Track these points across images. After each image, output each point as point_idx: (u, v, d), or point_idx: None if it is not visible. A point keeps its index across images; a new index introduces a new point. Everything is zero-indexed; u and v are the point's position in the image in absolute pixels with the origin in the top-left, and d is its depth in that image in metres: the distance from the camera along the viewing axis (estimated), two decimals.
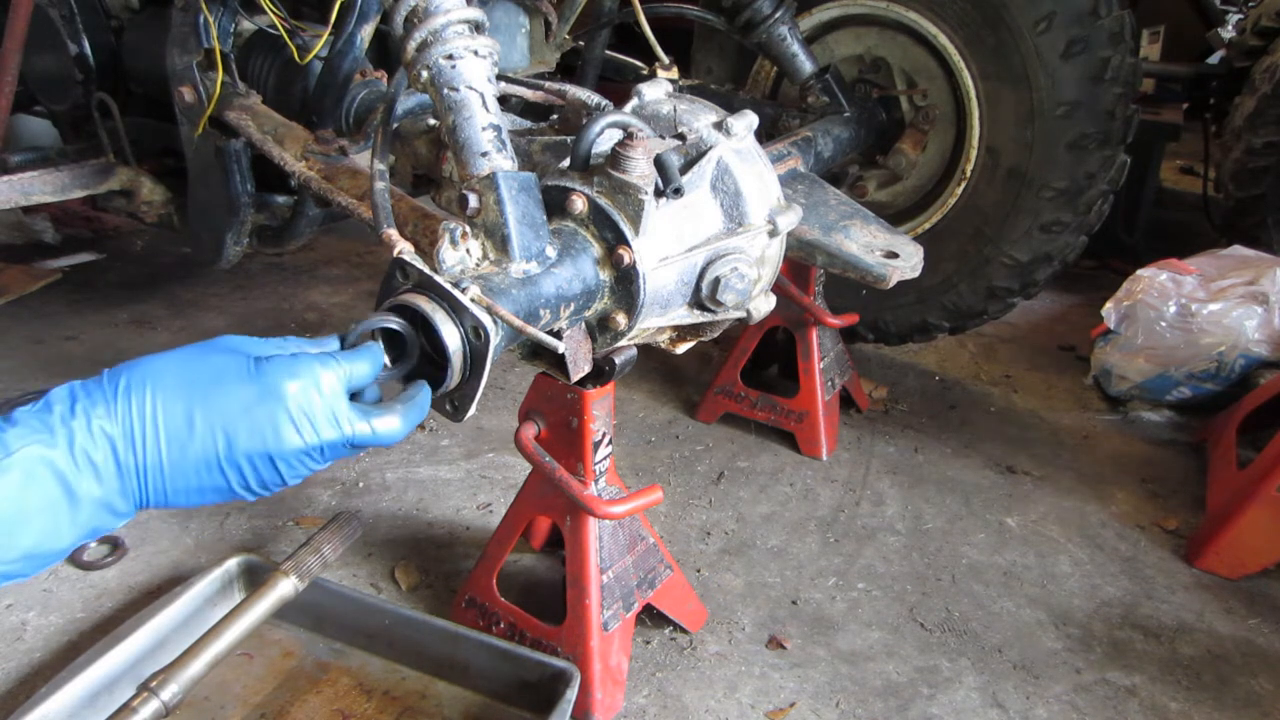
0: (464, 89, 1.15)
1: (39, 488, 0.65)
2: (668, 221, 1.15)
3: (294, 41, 1.75)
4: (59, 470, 0.66)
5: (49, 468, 0.65)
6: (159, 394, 0.72)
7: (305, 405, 0.77)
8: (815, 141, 2.11)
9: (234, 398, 0.74)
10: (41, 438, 0.65)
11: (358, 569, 1.83)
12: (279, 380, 0.76)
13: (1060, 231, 2.30)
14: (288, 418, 0.76)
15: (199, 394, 0.73)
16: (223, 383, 0.74)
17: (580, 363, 1.21)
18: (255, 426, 0.74)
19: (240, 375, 0.75)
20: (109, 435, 0.69)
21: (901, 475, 2.27)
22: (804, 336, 2.29)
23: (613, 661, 1.52)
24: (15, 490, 0.64)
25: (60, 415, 0.67)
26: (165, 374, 0.73)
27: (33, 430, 0.66)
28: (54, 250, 3.30)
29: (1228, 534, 1.93)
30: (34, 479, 0.64)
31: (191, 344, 0.78)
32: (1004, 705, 1.60)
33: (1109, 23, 2.12)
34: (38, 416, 0.67)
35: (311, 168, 1.62)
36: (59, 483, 0.66)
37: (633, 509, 1.42)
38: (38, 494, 0.65)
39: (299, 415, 0.76)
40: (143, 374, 0.72)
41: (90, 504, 0.68)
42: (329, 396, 0.79)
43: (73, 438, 0.67)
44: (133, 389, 0.71)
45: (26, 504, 0.64)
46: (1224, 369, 2.46)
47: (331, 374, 0.80)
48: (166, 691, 1.20)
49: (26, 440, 0.65)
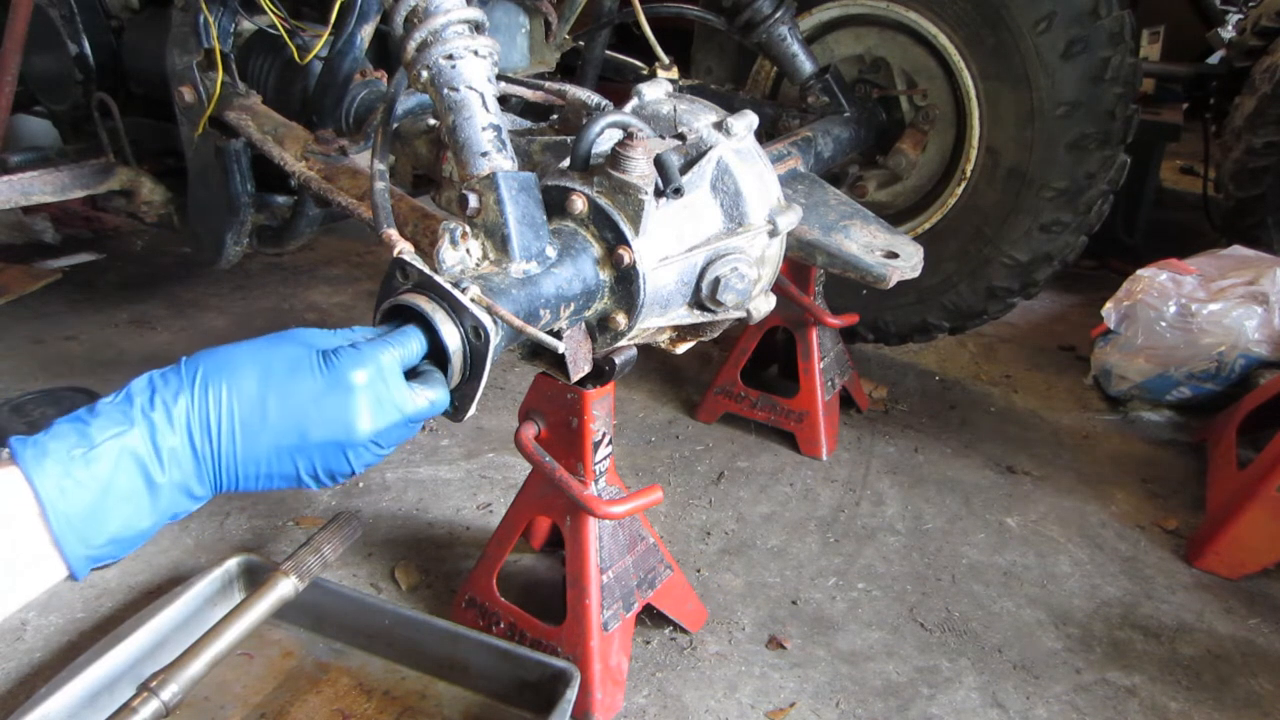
0: (464, 89, 1.15)
1: (123, 477, 0.69)
2: (668, 221, 1.15)
3: (294, 41, 1.75)
4: (140, 460, 0.69)
5: (131, 458, 0.69)
6: (234, 386, 0.75)
7: (372, 394, 0.81)
8: (815, 141, 2.11)
9: (306, 389, 0.78)
10: (123, 429, 0.69)
11: (358, 569, 1.83)
12: (347, 371, 0.80)
13: (1060, 231, 2.30)
14: (357, 407, 0.80)
15: (273, 386, 0.76)
16: (295, 374, 0.78)
17: (580, 363, 1.21)
18: (327, 417, 0.78)
19: (311, 367, 0.79)
20: (187, 425, 0.72)
21: (901, 475, 2.27)
22: (804, 336, 2.29)
23: (613, 661, 1.52)
24: (101, 480, 0.67)
25: (140, 407, 0.71)
26: (240, 366, 0.76)
27: (115, 422, 0.69)
28: (54, 250, 3.30)
29: (1228, 534, 1.93)
30: (118, 470, 0.68)
31: (262, 336, 0.81)
32: (1004, 705, 1.60)
33: (1109, 23, 2.12)
34: (119, 409, 0.70)
35: (311, 168, 1.62)
36: (140, 471, 0.70)
37: (633, 509, 1.42)
38: (121, 483, 0.69)
39: (368, 403, 0.80)
40: (219, 365, 0.75)
41: (169, 489, 0.72)
42: (392, 382, 0.83)
43: (153, 428, 0.70)
44: (209, 380, 0.74)
45: (111, 493, 0.68)
46: (1224, 369, 2.46)
47: (392, 359, 0.84)
48: (166, 691, 1.20)
49: (109, 432, 0.68)
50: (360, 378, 0.80)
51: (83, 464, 0.67)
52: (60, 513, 0.65)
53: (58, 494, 0.65)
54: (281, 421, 0.76)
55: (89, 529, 0.67)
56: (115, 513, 0.68)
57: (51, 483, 0.65)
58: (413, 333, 0.89)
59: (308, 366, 0.79)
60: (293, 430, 0.77)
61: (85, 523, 0.67)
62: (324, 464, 0.80)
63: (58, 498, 0.65)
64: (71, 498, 0.66)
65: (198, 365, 0.75)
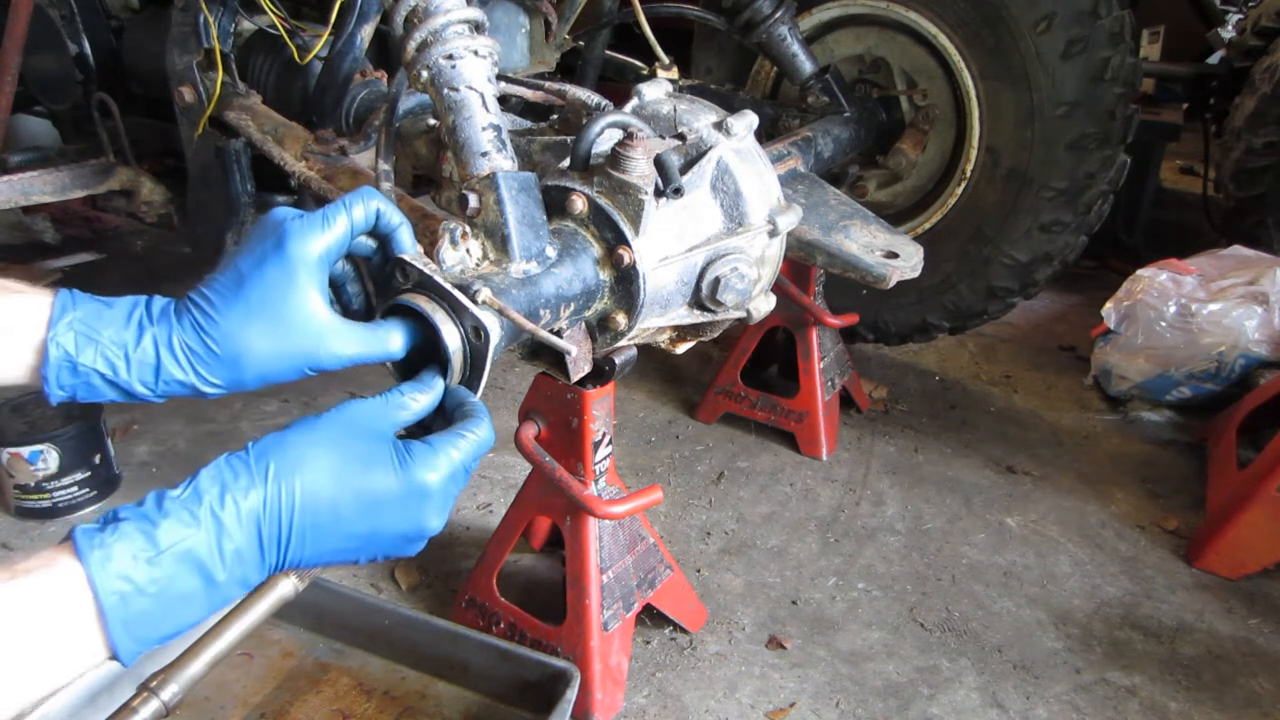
0: (464, 89, 1.15)
1: (183, 579, 0.68)
2: (668, 221, 1.15)
3: (294, 41, 1.75)
4: (202, 562, 0.69)
5: (193, 561, 0.69)
6: (308, 487, 0.74)
7: (444, 494, 0.81)
8: (815, 141, 2.11)
9: (380, 491, 0.77)
10: (190, 532, 0.68)
11: (358, 569, 1.83)
12: (423, 474, 0.79)
13: (1060, 231, 2.30)
14: (431, 509, 0.80)
15: (347, 486, 0.75)
16: (369, 474, 0.76)
17: (580, 363, 1.21)
18: (400, 517, 0.78)
19: (386, 466, 0.78)
20: (257, 528, 0.72)
21: (901, 475, 2.27)
22: (804, 336, 2.29)
23: (613, 661, 1.52)
24: (161, 584, 0.67)
25: (210, 506, 0.70)
26: (313, 461, 0.75)
27: (183, 523, 0.68)
28: (54, 250, 3.29)
29: (1228, 534, 1.93)
30: (179, 572, 0.68)
31: (332, 416, 0.79)
32: (1004, 705, 1.60)
33: (1109, 23, 2.12)
34: (187, 507, 0.69)
35: (311, 168, 1.62)
36: (200, 573, 0.69)
37: (633, 509, 1.42)
38: (181, 585, 0.69)
39: (441, 503, 0.81)
40: (290, 460, 0.74)
41: (227, 585, 0.72)
42: (461, 478, 0.83)
43: (220, 529, 0.70)
44: (281, 477, 0.73)
45: (169, 595, 0.68)
46: (1224, 369, 2.46)
47: (463, 454, 0.83)
48: (166, 691, 1.19)
49: (176, 536, 0.68)
50: (435, 480, 0.80)
51: (145, 568, 0.67)
52: (118, 618, 0.66)
53: (118, 601, 0.65)
54: (354, 524, 0.76)
55: (144, 630, 0.68)
56: (171, 615, 0.69)
57: (112, 588, 0.65)
58: (479, 420, 0.88)
59: (381, 464, 0.77)
60: (364, 531, 0.77)
61: (141, 625, 0.67)
62: (386, 552, 0.81)
63: (117, 604, 0.65)
64: (131, 605, 0.66)
65: (268, 460, 0.74)
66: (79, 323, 0.79)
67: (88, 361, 0.79)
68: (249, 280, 0.81)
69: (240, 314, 0.80)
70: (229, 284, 0.82)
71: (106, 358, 0.79)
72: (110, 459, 2.07)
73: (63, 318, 0.79)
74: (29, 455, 1.91)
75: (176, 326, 0.81)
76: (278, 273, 0.81)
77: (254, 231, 0.85)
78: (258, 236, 0.83)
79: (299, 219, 0.83)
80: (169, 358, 0.80)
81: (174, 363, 0.80)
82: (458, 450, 0.82)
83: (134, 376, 0.80)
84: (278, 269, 0.81)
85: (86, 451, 2.00)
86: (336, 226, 0.84)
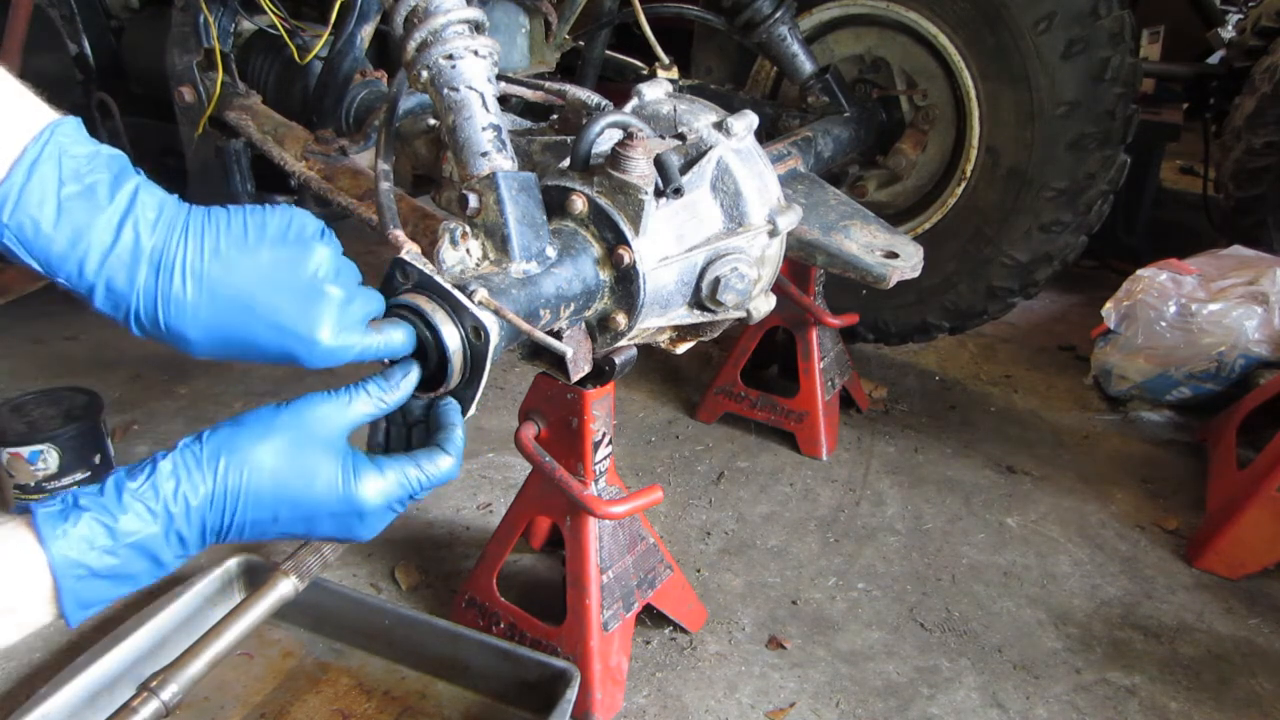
0: (464, 89, 1.15)
1: (134, 565, 0.75)
2: (668, 221, 1.15)
3: (294, 41, 1.75)
4: (154, 552, 0.76)
5: (146, 553, 0.75)
6: (251, 486, 0.79)
7: (379, 518, 0.86)
8: (815, 141, 2.11)
9: (319, 504, 0.82)
10: (146, 526, 0.75)
11: (358, 569, 1.83)
12: (363, 496, 0.83)
13: (1060, 231, 2.30)
14: (364, 529, 0.86)
15: (287, 493, 0.80)
16: (312, 487, 0.81)
17: (580, 363, 1.21)
18: (332, 529, 0.84)
19: (330, 483, 0.82)
20: (203, 518, 0.78)
21: (901, 475, 2.27)
22: (804, 336, 2.29)
23: (613, 661, 1.52)
24: (115, 569, 0.74)
25: (165, 502, 0.76)
26: (260, 464, 0.79)
27: (140, 519, 0.74)
28: None
29: (1228, 534, 1.93)
30: (131, 561, 0.75)
31: (290, 414, 0.83)
32: (1004, 705, 1.60)
33: (1109, 23, 2.12)
34: (145, 502, 0.75)
35: (311, 168, 1.62)
36: (150, 559, 0.76)
37: (633, 509, 1.42)
38: (131, 569, 0.75)
39: (373, 527, 0.86)
40: (239, 460, 0.79)
41: (171, 564, 0.78)
42: (401, 507, 0.87)
43: (172, 523, 0.76)
44: (229, 475, 0.78)
45: (121, 575, 0.75)
46: (1224, 369, 2.46)
47: (413, 481, 0.87)
48: (166, 691, 1.19)
49: (133, 530, 0.74)
50: (372, 503, 0.84)
51: (103, 557, 0.72)
52: (72, 594, 0.72)
53: (74, 582, 0.71)
54: (290, 526, 0.82)
55: (92, 600, 0.74)
56: (118, 588, 0.75)
57: (71, 573, 0.71)
58: (447, 448, 0.91)
59: (326, 480, 0.82)
60: (300, 531, 0.83)
61: (90, 596, 0.73)
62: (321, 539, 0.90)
63: (73, 584, 0.71)
64: (85, 584, 0.72)
65: (219, 457, 0.78)
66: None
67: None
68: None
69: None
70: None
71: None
72: (110, 459, 2.07)
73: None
74: (29, 455, 1.91)
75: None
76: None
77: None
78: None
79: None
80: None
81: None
82: (405, 482, 0.86)
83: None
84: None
85: (86, 451, 2.00)
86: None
